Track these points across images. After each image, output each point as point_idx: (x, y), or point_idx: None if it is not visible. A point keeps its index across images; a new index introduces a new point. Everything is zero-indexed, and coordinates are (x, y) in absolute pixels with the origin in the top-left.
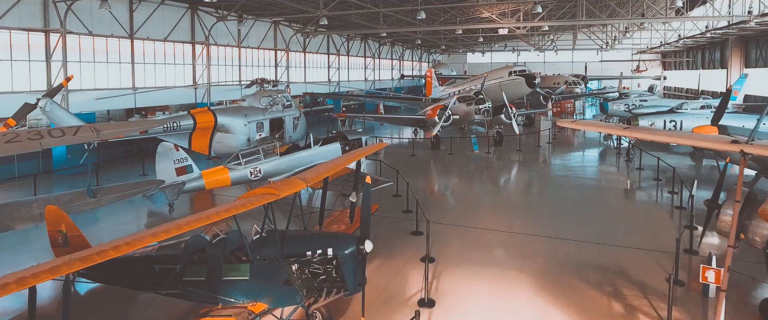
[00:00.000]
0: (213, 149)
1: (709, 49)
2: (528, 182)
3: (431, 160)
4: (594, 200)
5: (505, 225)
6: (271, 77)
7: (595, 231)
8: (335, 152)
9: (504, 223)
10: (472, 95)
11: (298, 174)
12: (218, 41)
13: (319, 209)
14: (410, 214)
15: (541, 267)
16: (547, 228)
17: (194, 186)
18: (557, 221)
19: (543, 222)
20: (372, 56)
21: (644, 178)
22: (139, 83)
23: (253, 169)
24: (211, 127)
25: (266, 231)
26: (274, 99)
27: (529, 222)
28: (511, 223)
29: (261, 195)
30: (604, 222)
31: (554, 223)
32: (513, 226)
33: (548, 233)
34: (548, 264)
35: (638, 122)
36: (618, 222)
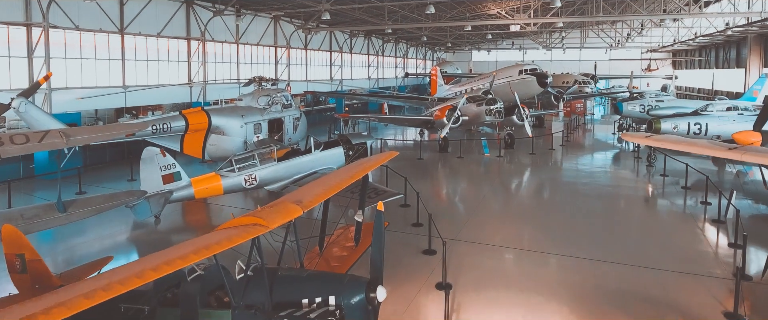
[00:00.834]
0: (207, 152)
1: (724, 47)
2: (546, 190)
3: (439, 163)
4: (620, 211)
5: (526, 242)
6: (270, 75)
7: (628, 249)
8: (338, 158)
9: (525, 239)
10: (483, 95)
11: (293, 194)
12: (215, 37)
13: (320, 232)
14: (420, 228)
15: (575, 295)
16: (574, 245)
17: (183, 195)
18: (583, 237)
19: (568, 238)
20: (375, 54)
21: (670, 185)
22: (131, 81)
23: (248, 176)
24: (205, 129)
25: (252, 269)
26: (272, 98)
27: (552, 237)
28: (533, 239)
29: (246, 227)
30: (635, 239)
31: (580, 240)
32: (535, 243)
33: (576, 252)
34: (582, 291)
35: (660, 125)
36: (651, 239)
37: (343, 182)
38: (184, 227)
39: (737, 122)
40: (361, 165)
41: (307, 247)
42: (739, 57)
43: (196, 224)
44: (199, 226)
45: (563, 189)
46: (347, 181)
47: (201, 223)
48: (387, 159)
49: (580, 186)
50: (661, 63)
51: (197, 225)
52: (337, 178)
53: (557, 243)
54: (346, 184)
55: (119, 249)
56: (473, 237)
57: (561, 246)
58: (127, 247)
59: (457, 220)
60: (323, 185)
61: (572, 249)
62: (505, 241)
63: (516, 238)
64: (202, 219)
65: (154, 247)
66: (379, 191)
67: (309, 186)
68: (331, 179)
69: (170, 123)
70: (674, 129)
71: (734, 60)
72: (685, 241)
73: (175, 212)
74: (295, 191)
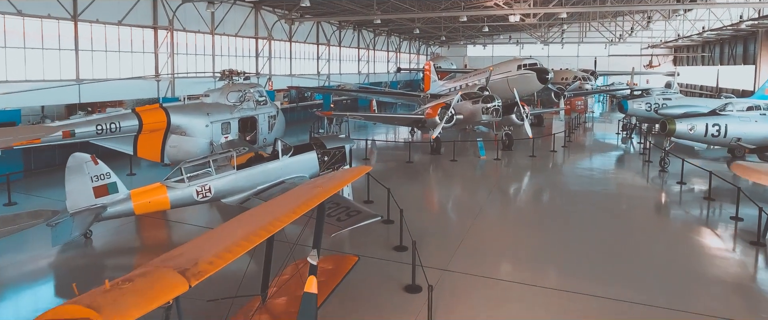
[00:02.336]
0: (167, 155)
1: (729, 43)
2: (551, 201)
3: (431, 167)
4: (639, 230)
5: (532, 274)
6: (251, 69)
7: (656, 284)
8: (310, 164)
9: (531, 270)
10: (479, 92)
11: (190, 246)
12: (187, 26)
13: (263, 275)
14: (404, 254)
15: None
16: (590, 277)
17: (119, 210)
18: (601, 265)
19: (582, 267)
20: (366, 47)
21: (689, 194)
22: (86, 74)
23: (201, 187)
24: (163, 129)
25: None
26: (244, 94)
27: (563, 267)
28: (540, 270)
29: None
30: (662, 267)
31: (598, 270)
32: (544, 275)
33: (595, 288)
34: None
35: (675, 126)
36: (681, 268)
37: (289, 213)
38: (125, 248)
39: (760, 123)
40: (319, 187)
41: (245, 285)
42: (746, 53)
43: (141, 245)
44: (146, 246)
45: (570, 201)
46: (304, 207)
47: (150, 242)
48: (356, 176)
49: (589, 197)
50: (663, 59)
51: (143, 246)
52: (283, 206)
53: (570, 276)
54: (297, 214)
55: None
56: (468, 265)
57: (575, 280)
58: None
59: (449, 242)
60: (258, 218)
61: (589, 283)
62: (507, 272)
63: (521, 268)
64: (152, 238)
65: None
66: (351, 210)
67: (221, 234)
68: (275, 207)
69: (120, 122)
70: (691, 130)
71: (741, 56)
72: (721, 270)
73: (130, 231)
74: (197, 240)
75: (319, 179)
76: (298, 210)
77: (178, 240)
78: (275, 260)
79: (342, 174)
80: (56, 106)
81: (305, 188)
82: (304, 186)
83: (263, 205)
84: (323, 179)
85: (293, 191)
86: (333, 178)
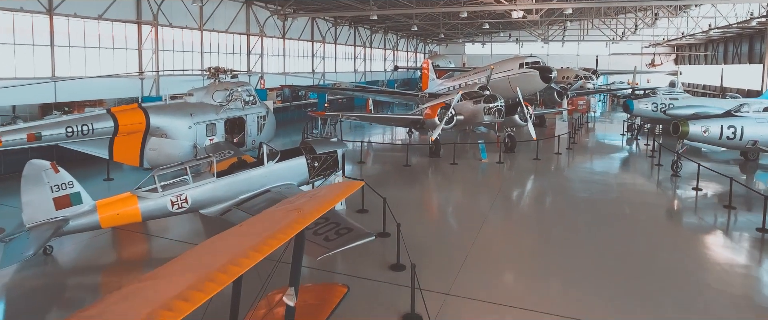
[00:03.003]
0: (146, 159)
1: (734, 41)
2: (559, 211)
3: (430, 171)
4: (658, 246)
5: (545, 299)
6: (242, 67)
7: (682, 311)
8: (298, 171)
9: (543, 294)
10: (481, 91)
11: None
12: (174, 22)
13: (230, 312)
14: (401, 273)
15: None
16: (609, 304)
17: (83, 223)
18: (619, 289)
19: (600, 290)
20: (362, 45)
21: (706, 201)
22: (63, 72)
23: (176, 197)
24: (142, 131)
25: None
26: (231, 93)
27: (580, 290)
28: (554, 294)
29: None
30: (688, 291)
31: (617, 295)
32: (558, 301)
33: (617, 315)
34: None
35: (688, 128)
36: (714, 289)
37: (256, 249)
38: (90, 266)
39: None
40: (298, 211)
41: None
42: (752, 52)
43: (110, 262)
44: (114, 265)
45: (581, 211)
46: (263, 247)
47: (119, 260)
48: (345, 194)
49: (600, 206)
50: (665, 58)
51: (111, 264)
52: (250, 237)
53: (588, 301)
54: (264, 252)
55: None
56: (473, 288)
57: (594, 306)
58: None
59: (451, 259)
60: (219, 253)
61: (610, 309)
62: (517, 297)
63: (531, 291)
64: (122, 255)
65: None
66: (341, 228)
67: (181, 263)
68: (241, 237)
69: (93, 123)
70: (705, 132)
71: (746, 55)
72: (755, 291)
73: (105, 246)
74: (142, 284)
75: (301, 198)
76: (270, 244)
77: (151, 257)
78: (245, 294)
79: (328, 192)
80: (30, 106)
81: (280, 213)
82: (280, 210)
83: (228, 234)
84: (305, 199)
85: (267, 214)
86: (316, 198)
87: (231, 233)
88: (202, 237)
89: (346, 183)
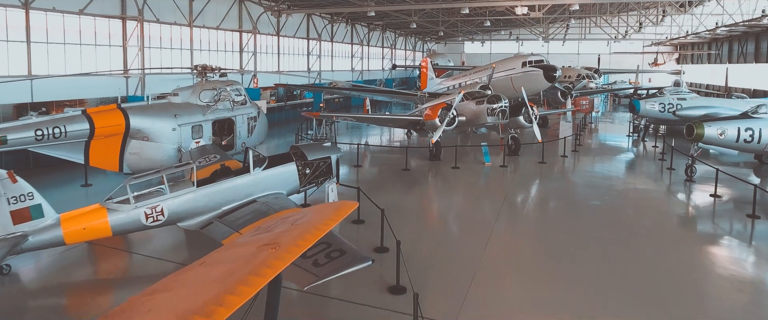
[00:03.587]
0: (126, 164)
1: (740, 40)
2: (571, 221)
3: (430, 175)
4: (683, 264)
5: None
6: (235, 65)
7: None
8: (288, 179)
9: None
10: (483, 91)
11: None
12: (161, 17)
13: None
14: (401, 298)
15: None
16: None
17: (45, 239)
18: (643, 312)
19: (622, 315)
20: (360, 43)
21: (726, 210)
22: (41, 70)
23: (151, 209)
24: (121, 133)
25: None
26: (219, 93)
27: (605, 317)
28: None
29: None
30: None
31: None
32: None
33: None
34: None
35: (703, 130)
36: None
37: (218, 301)
38: (53, 286)
39: None
40: (274, 247)
41: None
42: (758, 51)
43: (76, 281)
44: (80, 284)
45: (595, 221)
46: (231, 301)
47: (87, 278)
48: (332, 222)
49: (614, 215)
50: (668, 57)
51: (77, 284)
52: (216, 284)
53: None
54: (223, 314)
55: None
56: (483, 316)
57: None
58: None
59: (457, 280)
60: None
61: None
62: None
63: (553, 317)
64: (91, 273)
65: None
66: (333, 250)
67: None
68: (204, 286)
69: (65, 126)
70: (721, 135)
71: (752, 54)
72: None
73: (76, 262)
74: None
75: (281, 223)
76: (227, 304)
77: (122, 277)
78: None
79: (314, 218)
80: (3, 106)
81: (250, 248)
82: (251, 243)
83: (175, 280)
84: (286, 225)
85: (234, 250)
86: (298, 226)
87: (180, 279)
88: (180, 252)
89: (337, 205)
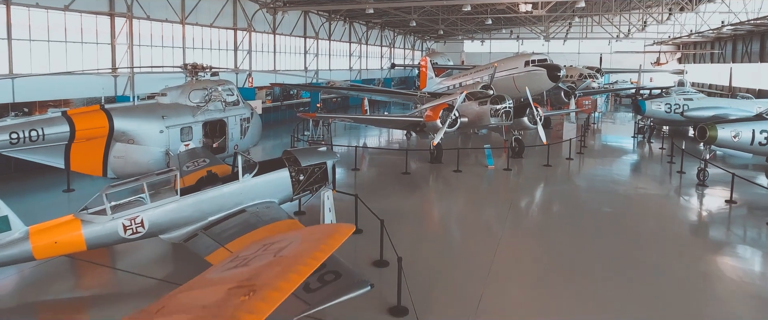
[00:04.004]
0: (111, 168)
1: (744, 39)
2: (585, 231)
3: (431, 179)
4: (713, 278)
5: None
6: (229, 64)
7: None
8: (280, 186)
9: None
10: (486, 92)
11: None
12: (151, 14)
13: None
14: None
15: None
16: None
17: (11, 255)
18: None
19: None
20: (358, 42)
21: (744, 216)
22: (23, 68)
23: (130, 220)
24: (104, 136)
25: None
26: (210, 93)
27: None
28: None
29: None
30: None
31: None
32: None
33: None
34: None
35: (716, 132)
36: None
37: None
38: (24, 306)
39: None
40: (249, 295)
41: None
42: (764, 50)
43: (51, 300)
44: (55, 305)
45: (608, 230)
46: None
47: (63, 296)
48: (323, 254)
49: (628, 223)
50: (670, 56)
51: (52, 304)
52: None
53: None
54: None
55: None
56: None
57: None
58: None
59: (463, 298)
60: None
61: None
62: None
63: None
64: (67, 290)
65: None
66: (327, 273)
67: None
68: None
69: (43, 128)
70: (735, 138)
71: (757, 53)
72: None
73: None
74: None
75: (262, 255)
76: None
77: (98, 295)
78: None
79: (302, 250)
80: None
81: (219, 292)
82: (221, 284)
83: None
84: (266, 259)
85: (199, 291)
86: (282, 262)
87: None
88: (165, 266)
89: (331, 230)
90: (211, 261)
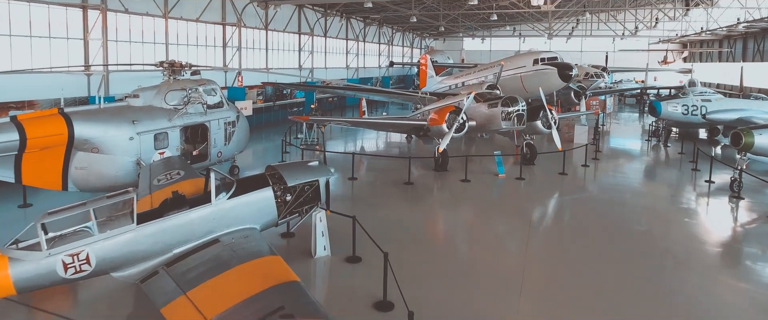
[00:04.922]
0: (72, 180)
1: (755, 38)
2: (622, 256)
3: (436, 190)
4: (755, 305)
5: None
6: (218, 62)
7: None
8: (262, 209)
9: None
10: (496, 93)
11: None
12: (130, 7)
13: None
14: None
15: None
16: None
17: None
18: None
19: None
20: (355, 39)
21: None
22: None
23: (71, 257)
24: (63, 144)
25: None
26: (189, 94)
27: None
28: None
29: None
30: None
31: None
32: None
33: None
34: None
35: (753, 139)
36: None
37: None
38: None
39: None
40: None
41: None
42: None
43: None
44: None
45: (644, 249)
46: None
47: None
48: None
49: (665, 244)
50: (677, 55)
51: None
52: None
53: None
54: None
55: None
56: None
57: None
58: None
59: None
60: None
61: None
62: None
63: None
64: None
65: None
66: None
67: None
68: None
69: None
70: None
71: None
72: None
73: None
74: None
75: None
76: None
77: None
78: None
79: None
80: None
81: None
82: None
83: None
84: None
85: None
86: None
87: None
88: (120, 309)
89: None
90: (167, 315)
